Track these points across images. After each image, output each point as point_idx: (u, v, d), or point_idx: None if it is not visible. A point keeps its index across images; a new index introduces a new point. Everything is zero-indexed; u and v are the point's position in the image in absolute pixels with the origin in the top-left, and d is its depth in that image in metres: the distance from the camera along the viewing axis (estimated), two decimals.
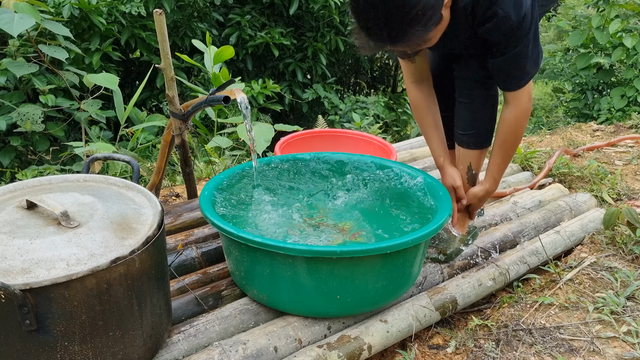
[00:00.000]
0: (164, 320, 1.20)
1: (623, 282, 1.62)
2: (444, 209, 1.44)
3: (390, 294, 1.39)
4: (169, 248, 1.63)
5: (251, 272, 1.35)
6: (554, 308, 1.55)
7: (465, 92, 1.62)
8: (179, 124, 1.74)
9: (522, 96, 1.47)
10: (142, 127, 3.16)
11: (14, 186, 1.23)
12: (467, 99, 1.62)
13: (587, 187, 2.36)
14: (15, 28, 2.58)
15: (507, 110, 1.51)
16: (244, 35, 4.79)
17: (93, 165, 2.52)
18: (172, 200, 2.40)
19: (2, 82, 3.03)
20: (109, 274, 0.99)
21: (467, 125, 1.64)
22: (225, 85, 1.58)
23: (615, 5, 4.15)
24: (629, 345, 1.37)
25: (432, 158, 2.59)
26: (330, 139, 2.47)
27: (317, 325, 1.36)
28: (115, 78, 2.82)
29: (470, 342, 1.45)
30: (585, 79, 4.64)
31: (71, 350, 1.00)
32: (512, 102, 1.49)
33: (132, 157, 1.79)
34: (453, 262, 1.66)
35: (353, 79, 6.33)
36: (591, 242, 1.88)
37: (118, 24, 3.97)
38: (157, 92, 4.42)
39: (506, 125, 1.53)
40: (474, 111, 1.62)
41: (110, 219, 1.09)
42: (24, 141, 3.27)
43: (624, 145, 2.98)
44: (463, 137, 1.67)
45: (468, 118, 1.64)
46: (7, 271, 0.94)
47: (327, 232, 1.58)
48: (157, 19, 1.59)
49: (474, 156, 1.67)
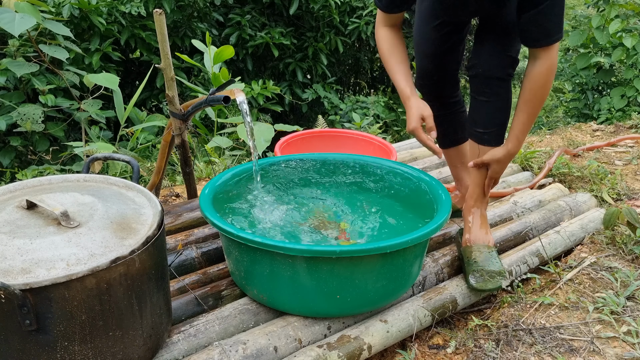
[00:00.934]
0: (164, 320, 1.20)
1: (623, 282, 1.62)
2: (444, 209, 1.44)
3: (390, 294, 1.39)
4: (169, 248, 1.63)
5: (251, 272, 1.35)
6: (554, 308, 1.55)
7: (487, 91, 1.57)
8: (179, 124, 1.74)
9: (553, 51, 1.42)
10: (142, 127, 3.16)
11: (14, 186, 1.23)
12: (488, 97, 1.57)
13: (587, 187, 2.36)
14: (16, 27, 2.58)
15: (537, 65, 1.44)
16: (244, 35, 4.79)
17: (93, 165, 2.52)
18: (172, 200, 2.40)
19: (2, 82, 3.03)
20: (109, 274, 0.99)
21: (489, 122, 1.60)
22: (225, 85, 1.58)
23: (615, 5, 4.15)
24: (629, 345, 1.37)
25: (432, 158, 2.60)
26: (330, 139, 2.47)
27: (317, 325, 1.36)
28: (115, 78, 2.82)
29: (470, 342, 1.45)
30: (585, 79, 4.64)
31: (71, 350, 1.00)
32: (543, 56, 1.43)
33: (132, 157, 1.79)
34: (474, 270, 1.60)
35: (353, 79, 6.33)
36: (591, 242, 1.88)
37: (118, 24, 3.97)
38: (157, 92, 4.42)
39: (536, 80, 1.46)
40: (497, 109, 1.59)
41: (110, 219, 1.09)
42: (24, 141, 3.27)
43: (624, 145, 2.98)
44: (484, 136, 1.62)
45: (490, 116, 1.60)
46: (7, 271, 0.94)
47: (327, 232, 1.58)
48: (157, 19, 1.60)
49: None
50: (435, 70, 1.68)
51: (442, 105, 1.78)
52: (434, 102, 1.77)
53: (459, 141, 1.85)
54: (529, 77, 1.47)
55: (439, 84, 1.70)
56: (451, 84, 1.73)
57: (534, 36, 1.42)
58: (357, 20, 5.13)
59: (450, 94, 1.75)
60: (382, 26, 1.62)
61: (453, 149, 1.87)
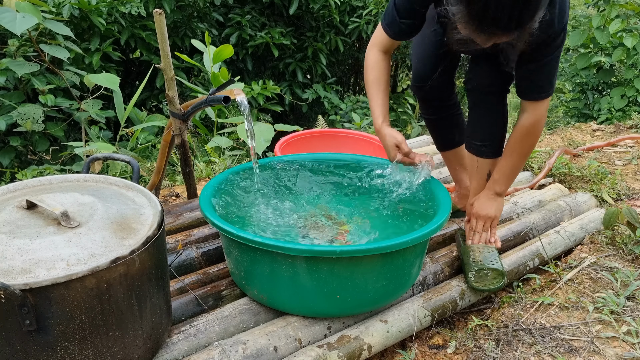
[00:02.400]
0: (164, 320, 1.20)
1: (623, 282, 1.62)
2: (444, 209, 1.44)
3: (390, 294, 1.39)
4: (169, 248, 1.63)
5: (251, 272, 1.35)
6: (554, 308, 1.55)
7: (483, 105, 1.62)
8: (179, 124, 1.74)
9: (543, 106, 1.49)
10: (142, 127, 3.16)
11: (14, 186, 1.23)
12: (484, 111, 1.62)
13: (587, 187, 2.36)
14: (17, 27, 2.59)
15: (525, 117, 1.51)
16: (244, 35, 4.79)
17: (93, 165, 2.52)
18: (172, 200, 2.40)
19: (2, 82, 3.03)
20: (109, 274, 0.99)
21: (485, 135, 1.65)
22: (225, 85, 1.58)
23: (615, 5, 4.15)
24: (629, 345, 1.37)
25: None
26: (330, 139, 2.48)
27: (317, 325, 1.36)
28: (115, 78, 2.82)
29: (470, 342, 1.45)
30: (585, 79, 4.64)
31: (71, 350, 1.00)
32: (532, 110, 1.50)
33: (132, 157, 1.79)
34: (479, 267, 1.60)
35: (353, 79, 6.33)
36: (591, 242, 1.88)
37: (118, 24, 3.97)
38: (157, 92, 4.42)
39: (521, 131, 1.53)
40: (493, 123, 1.63)
41: (110, 219, 1.09)
42: (24, 141, 3.27)
43: (624, 145, 2.98)
44: (481, 148, 1.66)
45: (487, 128, 1.64)
46: (7, 271, 0.94)
47: (327, 232, 1.58)
48: (157, 19, 1.60)
49: (493, 164, 1.67)
50: (431, 73, 1.68)
51: (438, 109, 1.78)
52: (430, 105, 1.77)
53: (456, 144, 1.85)
54: (516, 128, 1.54)
55: (435, 88, 1.70)
56: (447, 88, 1.73)
57: (527, 88, 1.49)
58: (358, 19, 5.13)
59: (446, 97, 1.75)
60: (377, 50, 1.61)
61: (451, 152, 1.87)
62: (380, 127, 1.59)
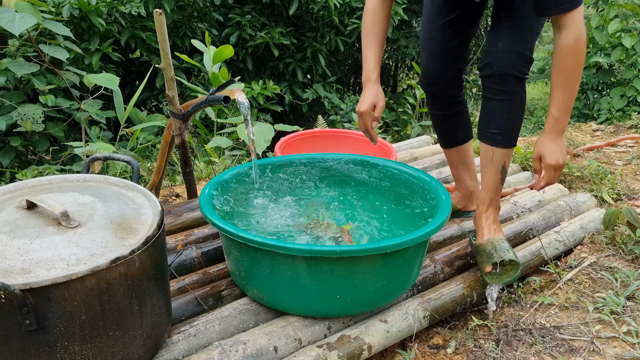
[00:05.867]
0: (164, 320, 1.20)
1: (623, 282, 1.62)
2: (444, 209, 1.44)
3: (390, 294, 1.39)
4: (169, 248, 1.63)
5: (251, 272, 1.35)
6: (553, 308, 1.55)
7: (502, 89, 1.52)
8: (179, 124, 1.74)
9: (579, 17, 1.32)
10: (142, 127, 3.16)
11: (14, 186, 1.23)
12: (503, 96, 1.53)
13: (587, 187, 2.36)
14: (17, 27, 2.58)
15: (565, 35, 1.34)
16: (244, 35, 4.79)
17: (93, 165, 2.52)
18: (172, 200, 2.40)
19: (2, 82, 3.03)
20: (109, 274, 0.99)
21: (504, 123, 1.55)
22: (225, 85, 1.58)
23: (614, 5, 4.15)
24: (629, 345, 1.38)
25: (432, 158, 2.60)
26: (330, 139, 2.47)
27: (317, 325, 1.36)
28: (115, 78, 2.82)
29: (470, 342, 1.45)
30: (585, 79, 4.65)
31: (71, 350, 1.00)
32: (569, 24, 1.32)
33: (132, 157, 1.79)
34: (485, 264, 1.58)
35: (353, 79, 6.33)
36: (591, 242, 1.88)
37: (118, 24, 3.97)
38: (157, 92, 4.42)
39: (567, 51, 1.34)
40: (512, 108, 1.54)
41: (110, 219, 1.09)
42: (24, 141, 3.26)
43: (624, 145, 2.98)
44: (497, 136, 1.56)
45: (504, 116, 1.55)
46: (7, 271, 0.94)
47: (327, 232, 1.58)
48: (157, 19, 1.60)
49: (508, 155, 1.59)
50: (440, 69, 1.66)
51: (445, 105, 1.77)
52: (438, 101, 1.76)
53: (461, 142, 1.85)
54: (559, 51, 1.36)
55: (444, 84, 1.69)
56: (456, 84, 1.72)
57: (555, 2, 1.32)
58: (357, 20, 5.13)
59: (454, 94, 1.74)
60: None
61: (454, 150, 1.87)
62: (372, 81, 1.55)
